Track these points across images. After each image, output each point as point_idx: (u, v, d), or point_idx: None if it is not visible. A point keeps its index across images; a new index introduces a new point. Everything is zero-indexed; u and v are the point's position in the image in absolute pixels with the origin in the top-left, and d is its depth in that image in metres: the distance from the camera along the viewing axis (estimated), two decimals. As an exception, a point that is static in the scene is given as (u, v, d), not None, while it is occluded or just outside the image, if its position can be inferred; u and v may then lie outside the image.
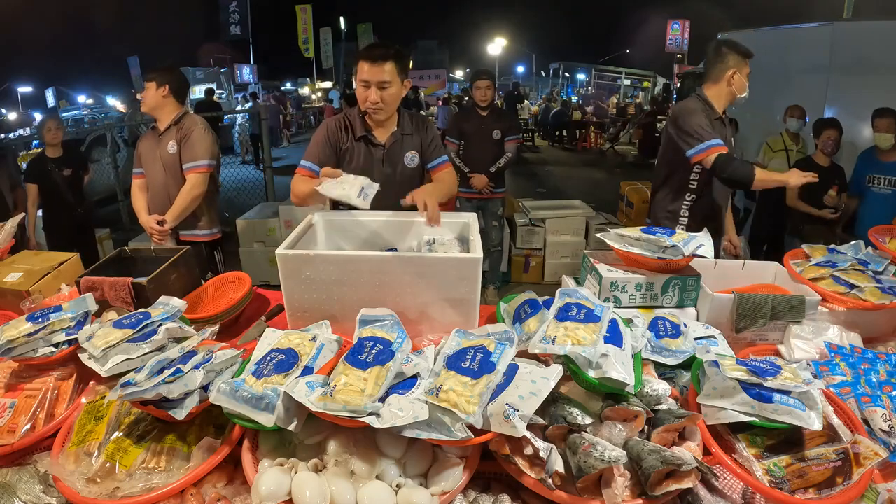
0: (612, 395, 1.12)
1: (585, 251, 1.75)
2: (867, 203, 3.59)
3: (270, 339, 1.27)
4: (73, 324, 1.38)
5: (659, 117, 11.98)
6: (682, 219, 2.52)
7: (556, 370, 1.11)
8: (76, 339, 1.34)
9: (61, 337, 1.35)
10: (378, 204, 1.62)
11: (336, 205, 1.98)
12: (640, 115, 12.16)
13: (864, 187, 3.60)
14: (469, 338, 1.23)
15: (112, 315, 1.48)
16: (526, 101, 17.59)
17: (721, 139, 2.30)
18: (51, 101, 23.20)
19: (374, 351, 1.12)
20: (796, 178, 2.18)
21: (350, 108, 2.12)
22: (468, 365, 1.09)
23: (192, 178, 2.64)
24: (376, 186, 1.61)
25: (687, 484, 0.95)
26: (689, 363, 1.31)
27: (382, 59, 1.86)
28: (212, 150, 2.70)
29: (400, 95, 1.96)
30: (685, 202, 2.50)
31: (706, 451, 1.08)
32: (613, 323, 1.24)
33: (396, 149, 2.03)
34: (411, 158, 2.06)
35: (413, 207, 1.61)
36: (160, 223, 2.62)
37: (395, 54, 1.88)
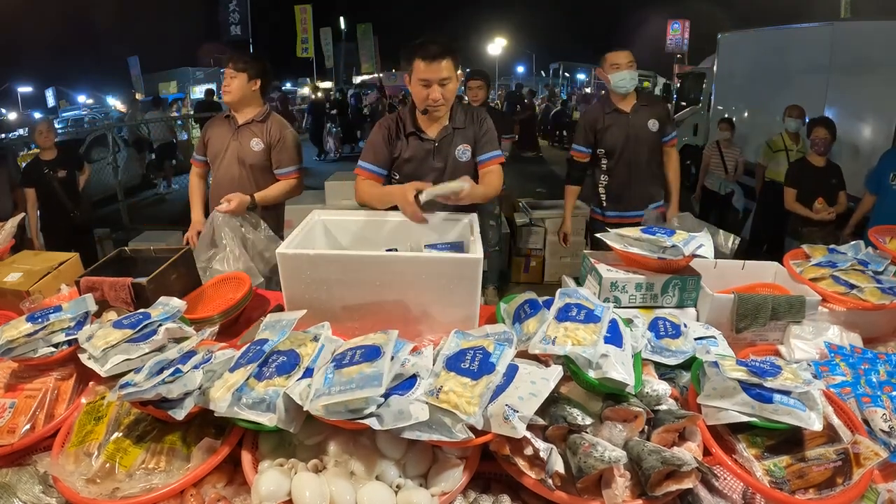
0: (612, 395, 1.12)
1: (585, 251, 1.75)
2: (887, 201, 3.45)
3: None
4: (72, 324, 1.38)
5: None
6: (600, 189, 3.16)
7: (556, 371, 1.11)
8: (76, 340, 1.33)
9: (61, 337, 1.35)
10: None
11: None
12: (519, 113, 12.63)
13: (885, 185, 3.46)
14: (468, 338, 1.22)
15: (112, 315, 1.47)
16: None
17: (584, 142, 3.04)
18: (51, 101, 23.23)
19: (357, 353, 1.12)
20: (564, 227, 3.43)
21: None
22: (468, 366, 1.09)
23: (289, 182, 2.61)
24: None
25: (687, 484, 0.95)
26: (689, 363, 1.31)
27: (440, 56, 1.86)
28: (301, 153, 2.69)
29: (456, 89, 1.98)
30: (601, 180, 3.14)
31: (706, 452, 1.08)
32: (613, 323, 1.24)
33: (447, 143, 2.05)
34: (463, 152, 2.07)
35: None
36: (252, 205, 2.44)
37: (450, 49, 1.88)
